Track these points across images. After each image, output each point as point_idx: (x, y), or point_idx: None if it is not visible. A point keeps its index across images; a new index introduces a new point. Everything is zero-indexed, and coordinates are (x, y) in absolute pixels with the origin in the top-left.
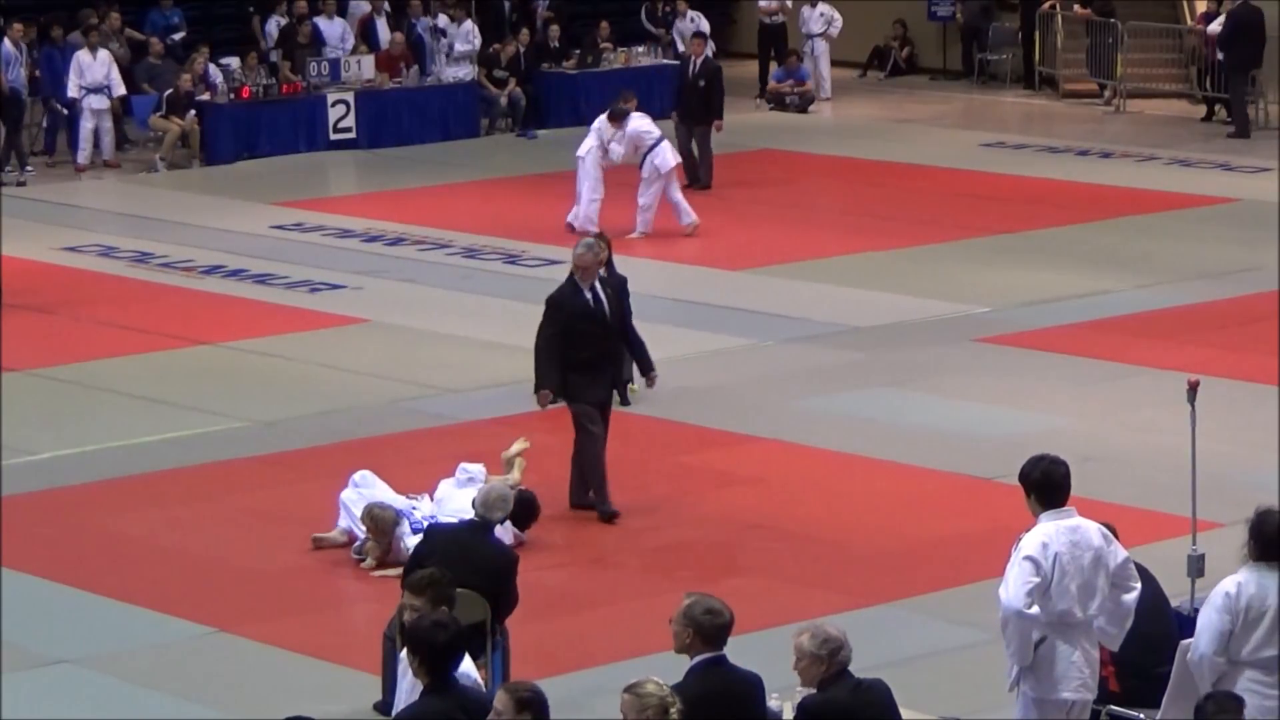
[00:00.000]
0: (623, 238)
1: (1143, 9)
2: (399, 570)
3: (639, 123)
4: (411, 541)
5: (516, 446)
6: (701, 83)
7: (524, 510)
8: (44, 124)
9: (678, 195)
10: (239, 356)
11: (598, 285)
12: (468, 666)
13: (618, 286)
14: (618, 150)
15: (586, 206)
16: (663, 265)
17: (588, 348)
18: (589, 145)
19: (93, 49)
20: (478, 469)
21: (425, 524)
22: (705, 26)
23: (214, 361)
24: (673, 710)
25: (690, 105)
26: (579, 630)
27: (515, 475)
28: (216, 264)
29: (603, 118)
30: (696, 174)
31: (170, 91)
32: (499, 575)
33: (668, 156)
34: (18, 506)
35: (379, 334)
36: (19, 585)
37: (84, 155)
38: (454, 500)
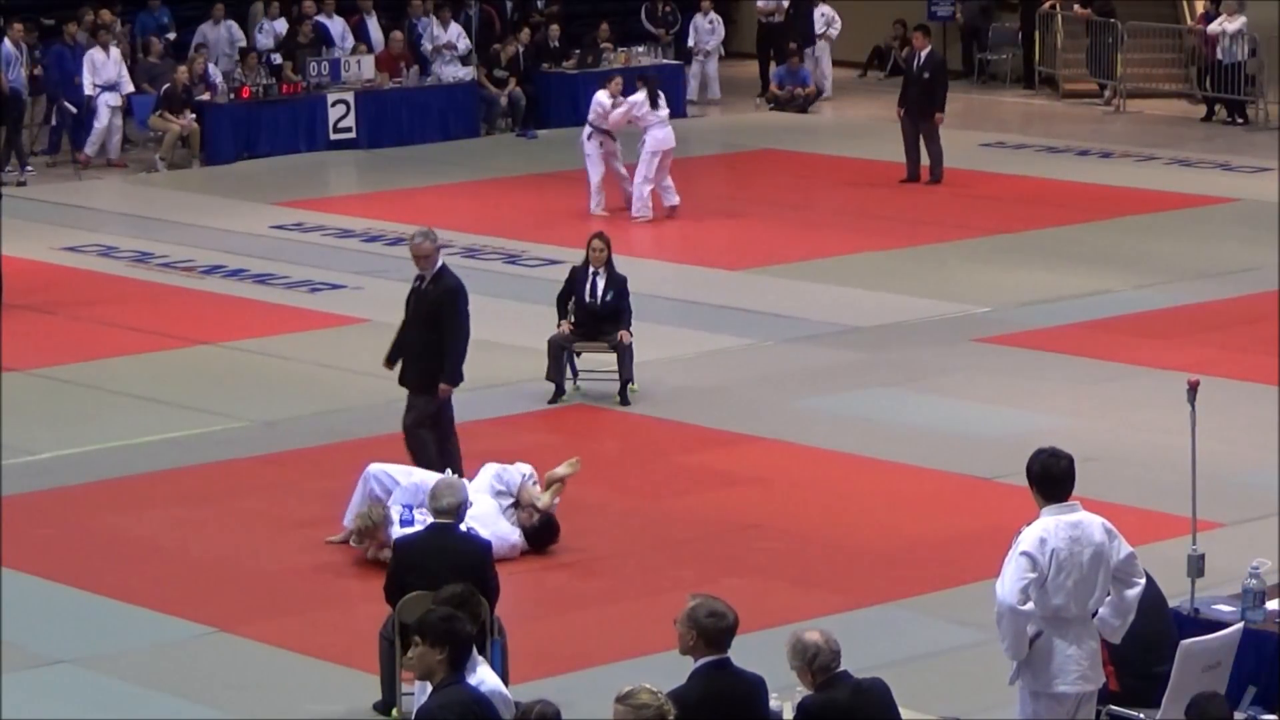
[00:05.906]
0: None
1: (1143, 9)
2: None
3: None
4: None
5: (563, 469)
6: (926, 75)
7: (543, 533)
8: (53, 122)
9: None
10: (239, 356)
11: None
12: (492, 680)
13: (619, 286)
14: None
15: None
16: (663, 265)
17: None
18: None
19: (105, 47)
20: (514, 479)
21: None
22: (721, 28)
23: (214, 361)
24: (670, 716)
25: (914, 99)
26: (579, 630)
27: (547, 499)
28: (216, 264)
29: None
30: (916, 171)
31: (168, 86)
32: (478, 566)
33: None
34: (18, 506)
35: (379, 334)
36: (19, 585)
37: (93, 147)
38: (479, 504)
